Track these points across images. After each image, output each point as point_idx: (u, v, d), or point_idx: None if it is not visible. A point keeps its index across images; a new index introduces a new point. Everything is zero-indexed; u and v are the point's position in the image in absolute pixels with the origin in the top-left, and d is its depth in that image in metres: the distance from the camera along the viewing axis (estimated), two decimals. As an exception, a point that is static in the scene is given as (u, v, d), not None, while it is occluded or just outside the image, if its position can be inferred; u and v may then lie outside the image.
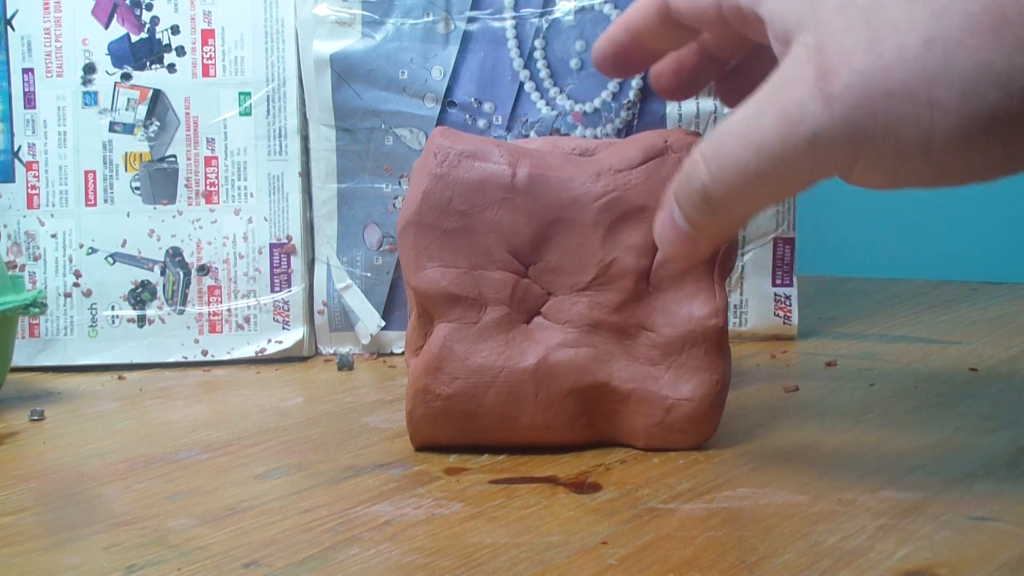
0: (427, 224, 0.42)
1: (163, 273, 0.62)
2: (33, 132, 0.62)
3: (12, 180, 0.62)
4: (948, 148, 0.32)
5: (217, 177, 0.62)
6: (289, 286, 0.63)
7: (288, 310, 0.63)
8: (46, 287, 0.62)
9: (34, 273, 0.62)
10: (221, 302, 0.62)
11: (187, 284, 0.62)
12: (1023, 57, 0.31)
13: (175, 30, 0.62)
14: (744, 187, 0.34)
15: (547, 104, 0.61)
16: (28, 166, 0.62)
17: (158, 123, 0.62)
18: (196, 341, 0.62)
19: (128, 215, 0.62)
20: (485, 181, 0.42)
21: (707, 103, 0.61)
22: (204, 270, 0.62)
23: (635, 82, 0.61)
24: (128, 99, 0.62)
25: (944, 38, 0.31)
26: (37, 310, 0.54)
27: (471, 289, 0.42)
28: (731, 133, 0.34)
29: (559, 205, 0.42)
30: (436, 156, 0.43)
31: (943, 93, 0.31)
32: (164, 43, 0.62)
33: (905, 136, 0.32)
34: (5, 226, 0.62)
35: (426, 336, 0.43)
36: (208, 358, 0.62)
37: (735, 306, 0.64)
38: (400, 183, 0.62)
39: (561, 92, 0.61)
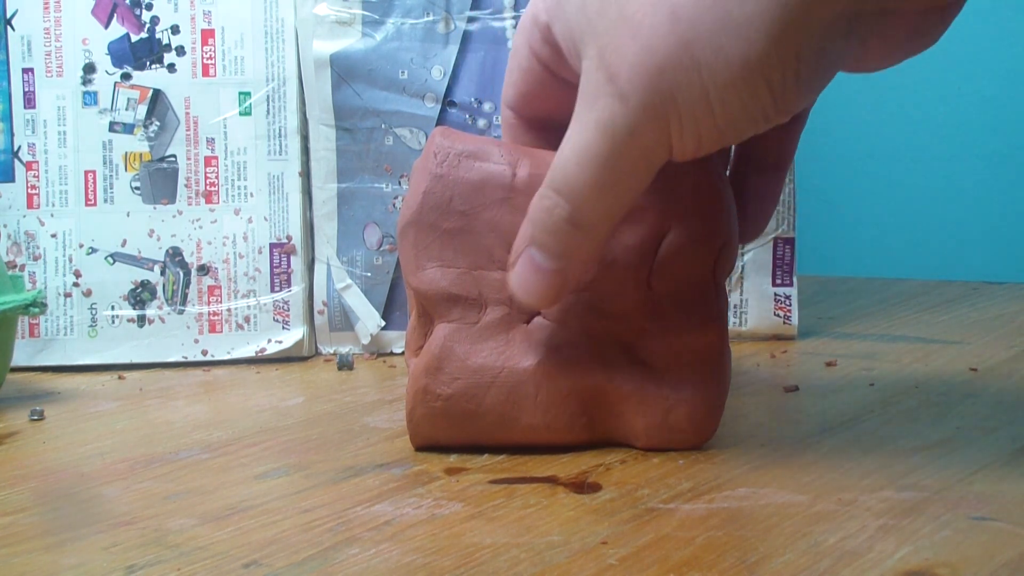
0: (427, 224, 0.42)
1: (163, 273, 0.62)
2: (33, 132, 0.62)
3: (12, 180, 0.62)
4: (724, 99, 0.35)
5: (217, 177, 0.62)
6: (289, 286, 0.63)
7: (288, 310, 0.63)
8: (46, 287, 0.62)
9: (34, 273, 0.62)
10: (221, 302, 0.62)
11: (187, 284, 0.62)
12: (752, 5, 0.34)
13: (175, 30, 0.62)
14: (603, 199, 0.38)
15: (547, 104, 0.61)
16: (28, 166, 0.62)
17: (158, 123, 0.62)
18: (196, 341, 0.62)
19: (128, 215, 0.62)
20: (485, 181, 0.42)
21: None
22: (204, 270, 0.62)
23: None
24: (128, 99, 0.62)
25: (681, 7, 0.35)
26: (37, 310, 0.54)
27: (471, 289, 0.42)
28: (569, 160, 0.37)
29: None
30: (436, 156, 0.43)
31: (701, 53, 0.35)
32: (164, 43, 0.62)
33: (690, 100, 0.35)
34: (5, 226, 0.62)
35: (426, 336, 0.43)
36: (208, 358, 0.62)
37: (735, 306, 0.64)
38: (400, 183, 0.62)
39: (561, 92, 0.61)
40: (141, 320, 0.62)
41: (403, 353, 0.59)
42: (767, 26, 0.34)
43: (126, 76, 0.62)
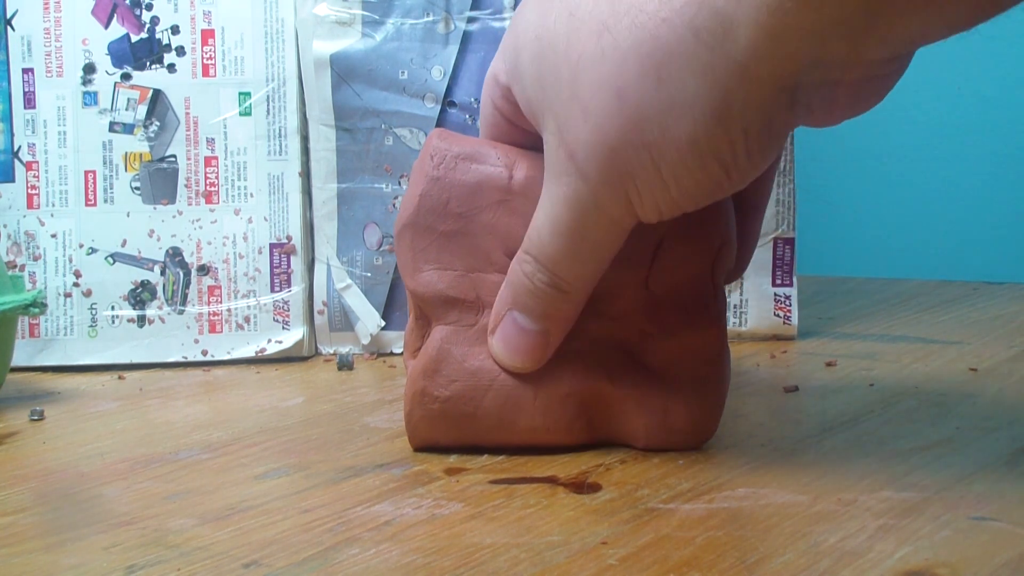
0: (424, 226, 0.42)
1: (163, 273, 0.62)
2: (33, 132, 0.62)
3: (12, 180, 0.62)
4: (676, 175, 0.36)
5: (217, 177, 0.62)
6: (289, 286, 0.63)
7: (288, 310, 0.63)
8: (46, 287, 0.62)
9: (34, 273, 0.62)
10: (221, 302, 0.62)
11: (187, 284, 0.62)
12: (693, 87, 0.34)
13: (175, 30, 0.62)
14: (580, 265, 0.39)
15: (547, 104, 0.61)
16: (28, 166, 0.62)
17: (158, 123, 0.62)
18: (196, 341, 0.62)
19: (128, 215, 0.62)
20: (482, 183, 0.42)
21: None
22: (204, 270, 0.62)
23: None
24: (128, 99, 0.62)
25: (627, 89, 0.35)
26: (37, 310, 0.54)
27: (468, 292, 0.42)
28: (545, 231, 0.39)
29: None
30: (433, 158, 0.43)
31: (648, 134, 0.36)
32: (164, 43, 0.62)
33: (644, 177, 0.36)
34: (5, 226, 0.62)
35: (424, 338, 0.43)
36: (208, 358, 0.62)
37: (735, 306, 0.64)
38: (400, 183, 0.62)
39: (561, 92, 0.61)
40: (141, 320, 0.62)
41: (403, 353, 0.59)
42: (710, 107, 0.35)
43: (126, 76, 0.62)
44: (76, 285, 0.62)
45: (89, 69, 0.62)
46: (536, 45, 0.38)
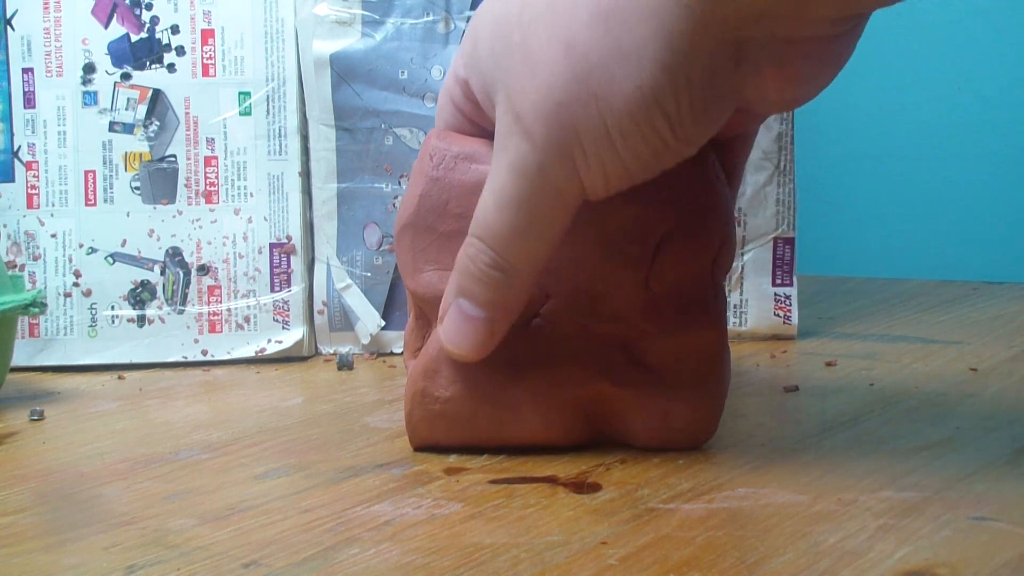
0: (424, 227, 0.42)
1: (163, 273, 0.62)
2: (33, 132, 0.62)
3: (12, 180, 0.62)
4: (623, 129, 0.35)
5: (217, 177, 0.62)
6: (289, 286, 0.63)
7: (288, 310, 0.63)
8: (46, 287, 0.62)
9: (34, 273, 0.62)
10: (221, 302, 0.62)
11: (187, 284, 0.62)
12: (640, 33, 0.34)
13: (175, 30, 0.62)
14: (522, 242, 0.38)
15: (547, 104, 0.61)
16: (28, 166, 0.62)
17: (158, 123, 0.62)
18: (196, 341, 0.62)
19: (128, 215, 0.62)
20: (482, 183, 0.42)
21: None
22: (204, 270, 0.62)
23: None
24: (128, 99, 0.62)
25: (575, 40, 0.35)
26: (37, 310, 0.54)
27: None
28: (489, 206, 0.38)
29: None
30: (432, 158, 0.43)
31: (596, 84, 0.35)
32: (164, 43, 0.62)
33: (591, 133, 0.36)
34: (5, 226, 0.62)
35: (424, 338, 0.43)
36: (208, 358, 0.62)
37: (735, 306, 0.64)
38: (400, 183, 0.62)
39: (561, 92, 0.61)
40: (141, 320, 0.62)
41: (403, 353, 0.59)
42: (656, 53, 0.34)
43: (126, 76, 0.62)
44: (76, 285, 0.62)
45: (89, 69, 0.62)
46: (493, 26, 0.38)
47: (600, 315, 0.41)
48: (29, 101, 0.62)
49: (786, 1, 0.33)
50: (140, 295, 0.62)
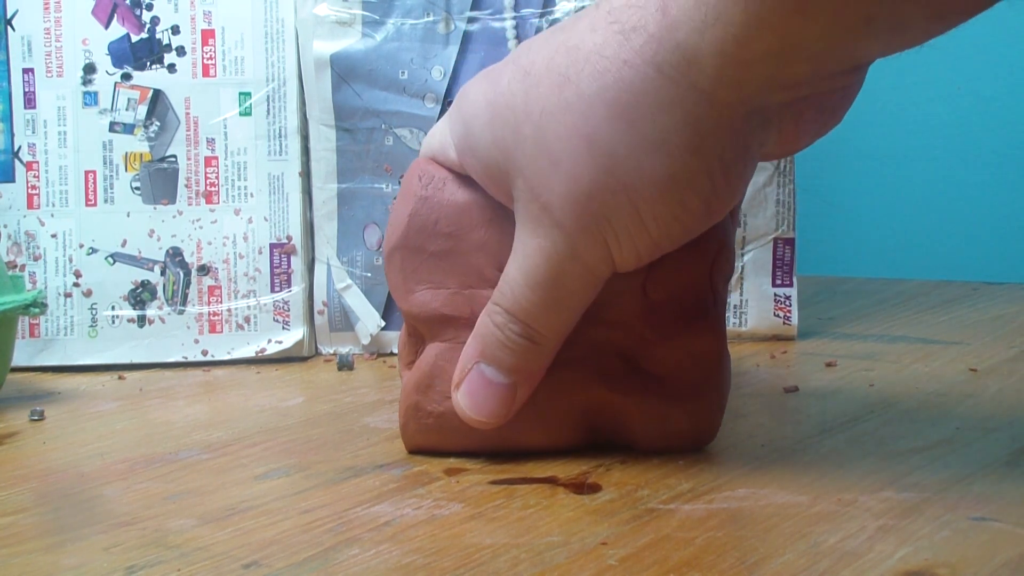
0: (414, 247, 0.42)
1: (163, 273, 0.62)
2: (33, 132, 0.62)
3: (12, 180, 0.62)
4: (655, 214, 0.36)
5: (217, 177, 0.62)
6: (289, 286, 0.63)
7: (288, 310, 0.63)
8: (46, 287, 0.62)
9: (34, 273, 0.62)
10: (221, 302, 0.62)
11: (187, 284, 0.62)
12: (665, 121, 0.35)
13: (175, 30, 0.62)
14: (553, 316, 0.39)
15: (547, 104, 0.61)
16: (28, 166, 0.62)
17: (158, 123, 0.62)
18: (196, 341, 0.62)
19: (128, 215, 0.62)
20: (471, 203, 0.42)
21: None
22: (204, 270, 0.62)
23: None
24: (128, 99, 0.62)
25: (597, 135, 0.36)
26: (37, 310, 0.54)
27: (463, 309, 0.42)
28: (517, 282, 0.39)
29: None
30: (421, 179, 0.42)
31: (624, 175, 0.36)
32: (164, 43, 0.62)
33: (622, 220, 0.37)
34: (5, 226, 0.62)
35: (417, 352, 0.43)
36: (208, 358, 0.62)
37: (735, 306, 0.64)
38: (400, 183, 0.62)
39: (561, 92, 0.61)
40: (141, 320, 0.62)
41: (398, 362, 0.59)
42: (684, 140, 0.35)
43: (126, 76, 0.62)
44: (76, 285, 0.62)
45: (89, 69, 0.62)
46: (489, 111, 0.39)
47: (599, 321, 0.41)
48: (29, 101, 0.62)
49: (802, 68, 0.34)
50: (140, 295, 0.62)
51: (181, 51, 0.62)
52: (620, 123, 0.35)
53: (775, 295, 0.64)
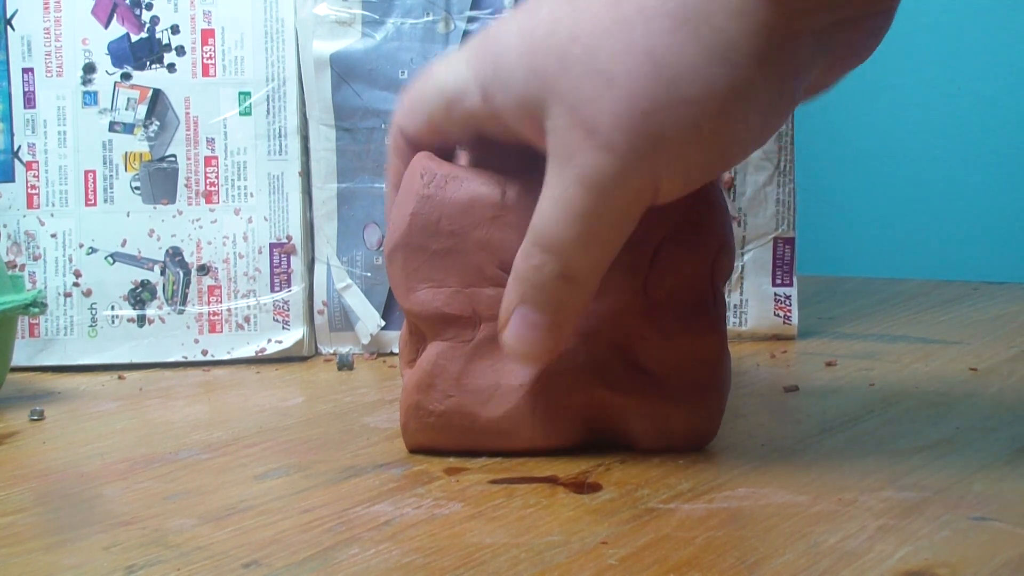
0: (416, 246, 0.42)
1: (163, 273, 0.62)
2: (33, 132, 0.62)
3: (12, 180, 0.62)
4: (716, 129, 0.36)
5: (217, 177, 0.62)
6: (289, 286, 0.63)
7: (288, 310, 0.63)
8: (46, 287, 0.62)
9: (34, 273, 0.62)
10: (221, 302, 0.62)
11: (187, 284, 0.62)
12: (735, 30, 0.34)
13: (175, 30, 0.62)
14: (591, 252, 0.38)
15: (547, 104, 0.61)
16: (28, 166, 0.62)
17: (158, 123, 0.62)
18: (196, 341, 0.62)
19: (128, 215, 0.62)
20: (474, 200, 0.42)
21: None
22: (204, 270, 0.62)
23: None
24: (128, 99, 0.62)
25: (658, 48, 0.35)
26: (37, 310, 0.54)
27: (465, 307, 0.42)
28: (552, 217, 0.38)
29: None
30: (423, 177, 0.42)
31: (687, 88, 0.35)
32: (164, 43, 0.62)
33: (681, 137, 0.36)
34: (5, 226, 0.62)
35: (419, 351, 0.43)
36: (208, 358, 0.62)
37: (735, 306, 0.64)
38: (400, 183, 0.62)
39: (561, 92, 0.61)
40: (141, 320, 0.62)
41: (398, 360, 0.59)
42: (751, 49, 0.35)
43: (126, 76, 0.62)
44: (76, 285, 0.62)
45: (89, 69, 0.62)
46: (526, 41, 0.38)
47: (599, 320, 0.41)
48: (29, 101, 0.62)
49: None
50: (140, 295, 0.62)
51: (181, 51, 0.62)
52: (683, 33, 0.35)
53: (775, 295, 0.64)
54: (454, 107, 0.41)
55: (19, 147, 0.62)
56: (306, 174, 0.63)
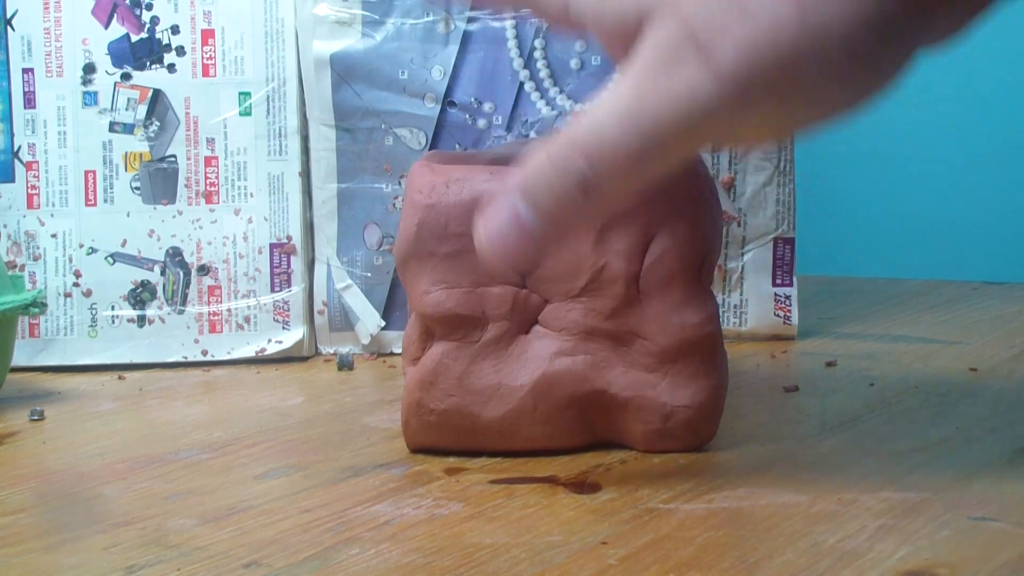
0: (425, 253, 0.42)
1: (163, 273, 0.62)
2: (33, 132, 0.62)
3: (12, 180, 0.62)
4: (842, 88, 0.34)
5: (217, 177, 0.62)
6: (289, 286, 0.63)
7: (288, 310, 0.63)
8: (46, 287, 0.62)
9: (34, 273, 0.62)
10: (221, 302, 0.62)
11: (187, 284, 0.62)
12: (876, 4, 0.32)
13: (175, 30, 0.62)
14: (630, 171, 0.34)
15: (547, 104, 0.61)
16: (28, 166, 0.62)
17: (158, 123, 0.62)
18: (196, 341, 0.62)
19: (128, 215, 0.62)
20: (479, 199, 0.42)
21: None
22: (204, 270, 0.62)
23: (635, 82, 0.61)
24: (128, 99, 0.62)
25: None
26: (37, 310, 0.54)
27: (475, 308, 0.42)
28: (609, 122, 0.34)
29: None
30: (422, 191, 0.42)
31: (832, 45, 0.32)
32: (164, 43, 0.62)
33: (804, 91, 0.33)
34: (5, 226, 0.62)
35: (424, 349, 0.43)
36: (208, 358, 0.62)
37: (735, 306, 0.64)
38: (400, 183, 0.62)
39: (561, 92, 0.61)
40: (141, 320, 0.62)
41: (402, 358, 0.59)
42: (903, 10, 0.32)
43: (126, 76, 0.62)
44: (76, 285, 0.62)
45: (89, 69, 0.62)
46: None
47: (596, 319, 0.41)
48: (29, 101, 0.62)
49: None
50: (140, 295, 0.62)
51: (181, 51, 0.62)
52: None
53: (775, 295, 0.64)
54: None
55: (19, 147, 0.62)
56: (306, 174, 0.63)
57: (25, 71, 0.62)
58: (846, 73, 0.33)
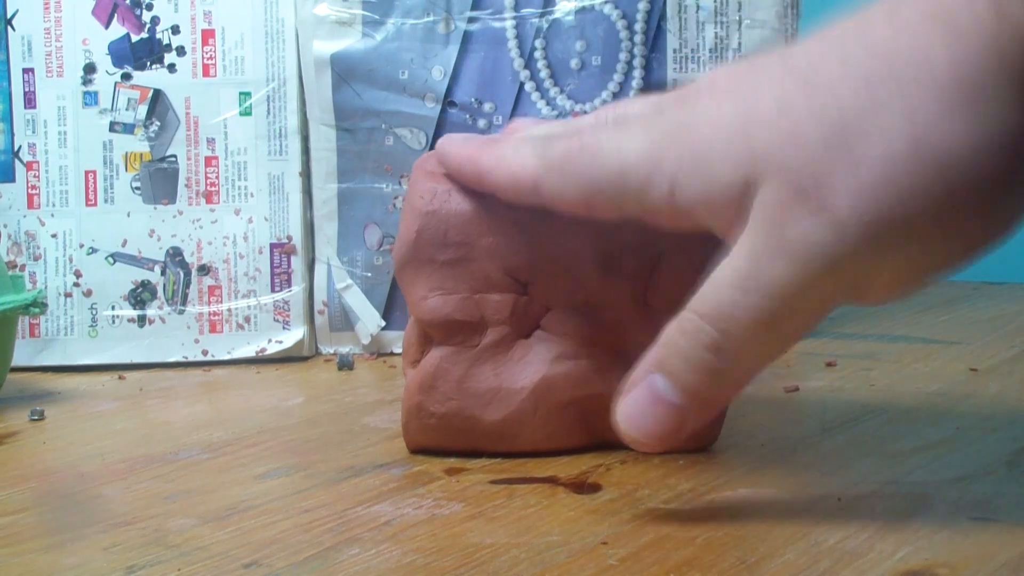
0: (424, 260, 0.42)
1: (163, 273, 0.62)
2: (33, 132, 0.62)
3: (12, 180, 0.62)
4: (970, 223, 0.32)
5: (217, 177, 0.62)
6: (289, 286, 0.63)
7: (288, 310, 0.63)
8: (46, 287, 0.62)
9: (34, 273, 0.62)
10: (221, 302, 0.62)
11: (187, 284, 0.62)
12: (999, 126, 0.31)
13: (175, 30, 0.62)
14: (759, 335, 0.34)
15: (547, 104, 0.61)
16: (28, 166, 0.62)
17: (158, 123, 0.62)
18: (196, 341, 0.62)
19: (128, 215, 0.62)
20: (479, 211, 0.41)
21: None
22: (204, 270, 0.62)
23: (635, 83, 0.61)
24: (128, 99, 0.62)
25: (927, 131, 0.31)
26: (37, 310, 0.54)
27: (474, 314, 0.42)
28: (730, 287, 0.34)
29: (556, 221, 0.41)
30: (423, 197, 0.42)
31: (957, 175, 0.31)
32: (164, 43, 0.62)
33: (932, 228, 0.32)
34: (5, 226, 0.62)
35: (423, 352, 0.43)
36: (208, 358, 0.62)
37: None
38: (400, 183, 0.62)
39: (561, 92, 0.61)
40: (141, 320, 0.62)
41: (402, 359, 0.59)
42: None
43: (126, 76, 0.62)
44: (76, 285, 0.62)
45: (89, 69, 0.62)
46: (738, 122, 0.34)
47: (600, 326, 0.41)
48: (29, 101, 0.62)
49: None
50: (140, 295, 0.62)
51: (181, 51, 0.62)
52: (961, 117, 0.31)
53: (775, 295, 0.64)
54: (628, 196, 0.37)
55: (19, 147, 0.63)
56: (306, 174, 0.63)
57: (25, 71, 0.62)
58: (983, 200, 0.32)
